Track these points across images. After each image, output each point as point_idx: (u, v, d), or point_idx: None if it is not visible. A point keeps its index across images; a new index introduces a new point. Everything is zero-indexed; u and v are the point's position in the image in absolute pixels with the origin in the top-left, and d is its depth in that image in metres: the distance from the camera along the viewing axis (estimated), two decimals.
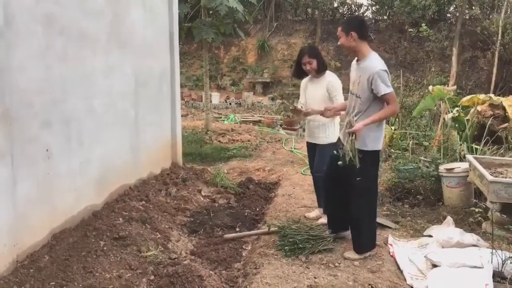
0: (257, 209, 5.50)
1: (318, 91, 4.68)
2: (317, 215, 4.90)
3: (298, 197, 5.75)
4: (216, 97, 17.46)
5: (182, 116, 11.58)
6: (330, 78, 4.67)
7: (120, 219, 4.43)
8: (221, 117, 13.43)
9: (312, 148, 4.88)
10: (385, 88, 3.59)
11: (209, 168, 7.28)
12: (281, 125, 12.18)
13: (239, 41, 20.71)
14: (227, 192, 6.05)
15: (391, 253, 4.02)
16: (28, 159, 3.55)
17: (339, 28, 3.82)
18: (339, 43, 3.89)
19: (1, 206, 3.17)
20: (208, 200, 5.72)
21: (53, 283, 3.23)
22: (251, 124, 12.68)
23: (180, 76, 7.08)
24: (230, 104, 17.49)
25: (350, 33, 3.71)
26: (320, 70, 4.66)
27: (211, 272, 3.72)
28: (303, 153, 8.10)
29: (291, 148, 8.68)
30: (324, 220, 4.56)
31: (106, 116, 4.82)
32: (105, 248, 3.79)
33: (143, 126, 5.79)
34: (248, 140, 9.03)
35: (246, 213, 5.21)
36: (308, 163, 5.55)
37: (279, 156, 8.11)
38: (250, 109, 16.60)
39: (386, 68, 3.68)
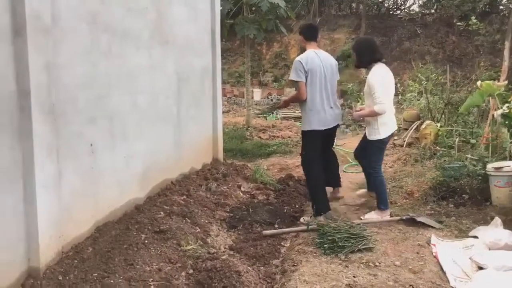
0: (297, 206, 5.47)
1: (366, 86, 4.72)
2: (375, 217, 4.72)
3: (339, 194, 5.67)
4: (257, 94, 17.48)
5: (223, 112, 11.69)
6: (370, 74, 4.61)
7: (161, 213, 4.51)
8: (261, 113, 13.43)
9: None
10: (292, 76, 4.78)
11: (249, 164, 7.31)
12: None
13: (281, 37, 20.63)
14: (267, 188, 6.04)
15: (434, 254, 3.90)
16: (73, 153, 3.66)
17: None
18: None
19: (47, 199, 3.28)
20: (247, 196, 5.73)
21: (96, 274, 3.31)
22: (292, 120, 12.62)
23: (222, 73, 7.13)
24: (271, 100, 17.46)
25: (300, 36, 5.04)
26: (357, 65, 4.89)
27: (249, 268, 3.73)
28: (345, 150, 8.00)
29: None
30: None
31: (149, 111, 4.91)
32: (146, 241, 3.87)
33: (185, 122, 5.87)
34: (289, 137, 8.99)
35: (285, 210, 5.18)
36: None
37: None
38: (291, 106, 16.51)
39: (300, 59, 4.70)
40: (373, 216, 4.73)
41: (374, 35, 19.33)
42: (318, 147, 4.90)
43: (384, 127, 4.60)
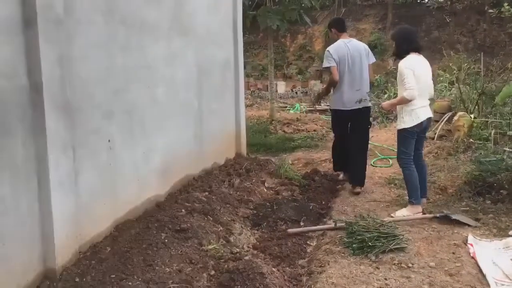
0: (323, 203, 5.25)
1: (398, 74, 4.63)
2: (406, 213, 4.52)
3: (367, 190, 5.43)
4: (281, 86, 17.24)
5: (247, 106, 11.52)
6: (401, 61, 4.48)
7: (183, 210, 4.36)
8: (286, 107, 13.19)
9: None
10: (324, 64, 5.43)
11: (273, 158, 7.13)
12: None
13: (305, 29, 20.34)
14: (292, 184, 5.83)
15: (471, 254, 3.64)
16: (90, 150, 3.53)
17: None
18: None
19: (63, 198, 3.15)
20: (271, 192, 5.54)
21: (113, 275, 3.18)
22: (318, 113, 12.36)
23: (246, 66, 6.95)
24: (296, 93, 17.22)
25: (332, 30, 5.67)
26: (395, 54, 4.67)
27: (273, 269, 3.54)
28: (372, 143, 7.71)
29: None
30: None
31: (169, 105, 4.76)
32: (166, 240, 3.72)
33: (207, 116, 5.71)
34: (314, 130, 8.75)
35: (311, 207, 4.97)
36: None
37: None
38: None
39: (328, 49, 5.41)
40: (404, 213, 4.51)
41: (401, 24, 18.82)
42: (342, 126, 5.62)
43: (410, 116, 4.43)
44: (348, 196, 5.23)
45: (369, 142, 7.87)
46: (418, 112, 4.42)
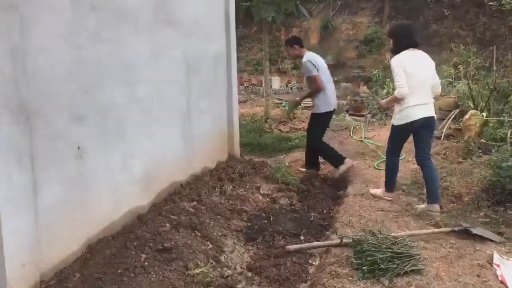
0: (325, 212, 4.75)
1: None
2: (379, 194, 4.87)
3: (373, 197, 4.92)
4: (276, 82, 16.70)
5: (241, 102, 10.99)
6: (392, 59, 4.44)
7: (167, 224, 3.84)
8: (281, 103, 12.65)
9: None
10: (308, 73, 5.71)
11: (269, 160, 6.60)
12: (347, 111, 11.19)
13: (300, 22, 19.78)
14: (289, 189, 5.32)
15: (499, 277, 3.15)
16: (54, 159, 3.00)
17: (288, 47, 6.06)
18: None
19: (17, 218, 2.62)
20: (267, 199, 5.02)
21: None
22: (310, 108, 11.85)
23: (239, 61, 6.44)
24: (291, 88, 16.69)
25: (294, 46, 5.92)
26: (393, 51, 4.52)
27: None
28: (375, 143, 7.21)
29: (361, 137, 7.77)
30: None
31: (153, 104, 4.23)
32: (146, 263, 3.20)
33: (196, 115, 5.18)
34: None
35: (311, 217, 4.46)
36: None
37: (347, 147, 7.23)
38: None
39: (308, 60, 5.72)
40: (377, 192, 4.85)
41: (398, 18, 18.35)
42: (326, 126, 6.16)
43: (401, 114, 4.39)
44: (352, 204, 4.72)
45: (372, 142, 7.46)
46: (409, 111, 4.31)
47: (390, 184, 4.77)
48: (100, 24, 3.43)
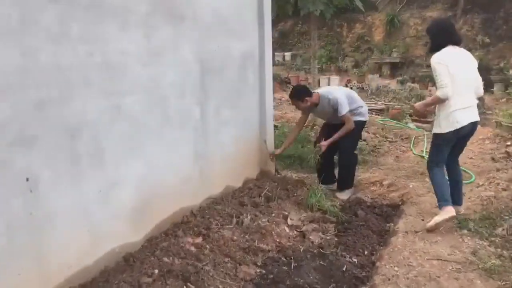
0: (365, 254, 3.77)
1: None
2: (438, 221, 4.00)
3: (429, 237, 3.88)
4: (335, 81, 15.54)
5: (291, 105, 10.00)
6: (432, 57, 3.97)
7: (156, 271, 3.06)
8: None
9: None
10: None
11: (309, 177, 5.66)
12: (410, 116, 9.86)
13: (364, 17, 18.42)
14: (325, 220, 4.37)
15: None
16: None
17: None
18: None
19: None
20: (295, 233, 4.09)
21: None
22: (373, 113, 10.66)
23: (295, 58, 5.64)
24: (351, 88, 15.45)
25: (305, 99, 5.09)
26: (431, 49, 4.12)
27: None
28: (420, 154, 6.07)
29: (422, 151, 6.59)
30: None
31: (149, 117, 3.45)
32: None
33: (215, 127, 4.37)
34: (364, 140, 7.14)
35: (345, 265, 3.48)
36: None
37: (405, 164, 6.11)
38: (374, 95, 14.43)
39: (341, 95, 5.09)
40: (437, 220, 3.97)
41: (475, 11, 16.55)
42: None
43: (448, 120, 3.94)
44: (401, 247, 3.70)
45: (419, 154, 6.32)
46: (457, 115, 3.90)
47: (444, 198, 4.06)
48: (65, 20, 2.67)
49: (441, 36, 4.04)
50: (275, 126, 8.22)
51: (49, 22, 2.58)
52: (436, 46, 4.03)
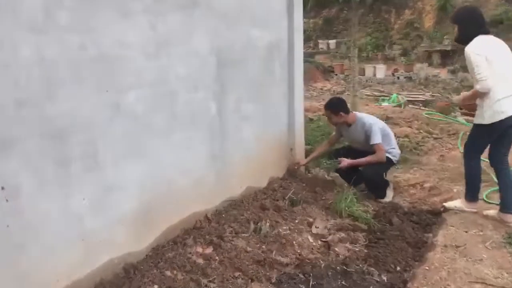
0: (397, 270, 3.32)
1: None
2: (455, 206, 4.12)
3: (472, 253, 3.36)
4: (381, 70, 14.85)
5: (338, 93, 9.52)
6: (466, 48, 3.69)
7: (155, 287, 2.75)
8: (380, 97, 10.93)
9: None
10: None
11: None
12: (460, 109, 9.09)
13: (414, 2, 17.48)
14: (355, 228, 3.94)
15: None
16: None
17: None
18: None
19: None
20: (319, 243, 3.68)
21: None
22: (420, 106, 9.99)
23: (339, 46, 5.20)
24: (398, 78, 14.70)
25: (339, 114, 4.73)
26: (458, 39, 3.95)
27: None
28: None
29: None
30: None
31: (154, 115, 3.14)
32: None
33: (235, 123, 4.03)
34: (406, 136, 6.57)
35: (371, 286, 3.05)
36: None
37: (450, 164, 5.52)
38: (422, 85, 13.63)
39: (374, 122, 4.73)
40: (456, 204, 4.13)
41: None
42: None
43: (492, 109, 3.68)
44: (439, 264, 3.22)
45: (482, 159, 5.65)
46: (502, 105, 3.66)
47: (472, 191, 4.03)
48: (50, 7, 2.38)
49: (472, 26, 3.80)
50: (311, 120, 7.82)
51: (31, 9, 2.29)
52: (466, 36, 3.78)
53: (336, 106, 4.76)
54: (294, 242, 3.58)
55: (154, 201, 3.18)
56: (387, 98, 10.70)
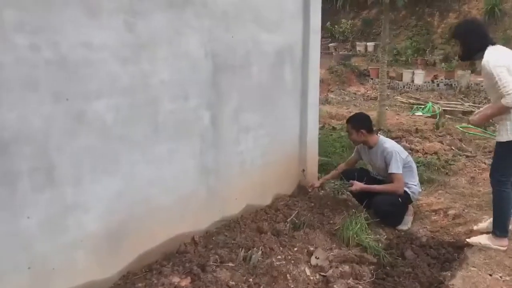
0: None
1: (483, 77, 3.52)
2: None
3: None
4: (420, 76, 14.07)
5: (365, 100, 9.12)
6: (483, 59, 3.35)
7: None
8: (414, 107, 10.26)
9: None
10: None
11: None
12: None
13: (460, 6, 16.57)
14: (362, 259, 3.47)
15: None
16: None
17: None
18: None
19: None
20: (316, 278, 3.23)
21: None
22: (459, 115, 9.28)
23: (375, 49, 4.77)
24: (437, 85, 13.91)
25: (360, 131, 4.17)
26: (462, 57, 3.62)
27: None
28: None
29: None
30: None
31: (129, 125, 2.78)
32: None
33: (234, 134, 3.65)
34: (435, 152, 5.97)
35: None
36: None
37: (481, 188, 4.92)
38: (462, 93, 12.82)
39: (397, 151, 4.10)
40: (482, 240, 3.60)
41: None
42: None
43: None
44: None
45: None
46: None
47: (502, 225, 3.54)
48: None
49: (479, 39, 3.45)
50: (333, 128, 7.32)
51: None
52: (470, 51, 3.50)
53: (359, 122, 4.23)
54: (288, 276, 3.14)
55: (127, 223, 2.83)
56: (422, 107, 10.01)
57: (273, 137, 4.12)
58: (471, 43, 3.49)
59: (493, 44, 3.46)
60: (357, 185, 4.09)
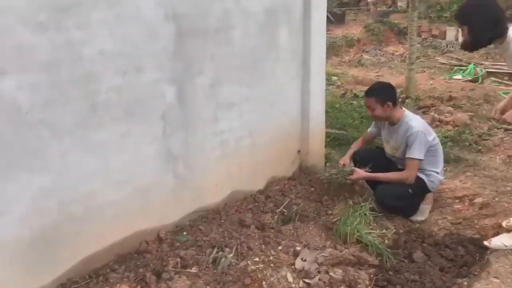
0: None
1: None
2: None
3: None
4: (451, 33, 12.72)
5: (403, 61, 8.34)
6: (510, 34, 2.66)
7: None
8: (454, 69, 9.26)
9: None
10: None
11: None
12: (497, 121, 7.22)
13: None
14: (361, 261, 2.91)
15: None
16: None
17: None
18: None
19: None
20: (298, 286, 2.69)
21: None
22: (506, 79, 8.28)
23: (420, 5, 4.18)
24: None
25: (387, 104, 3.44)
26: (472, 45, 2.81)
27: None
28: None
29: None
30: None
31: (56, 108, 2.27)
32: None
33: (210, 112, 3.11)
34: (467, 125, 5.18)
35: None
36: None
37: (508, 188, 4.15)
38: None
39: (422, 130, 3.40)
40: (505, 241, 2.91)
41: None
42: None
43: None
44: None
45: None
46: None
47: None
48: None
49: (488, 25, 2.67)
50: (355, 95, 6.61)
51: None
52: (481, 40, 2.75)
53: (384, 93, 3.47)
54: (264, 283, 2.63)
55: (61, 224, 2.36)
56: (464, 69, 9.00)
57: (264, 113, 3.53)
58: (482, 30, 2.71)
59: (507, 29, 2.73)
60: (359, 173, 3.46)
